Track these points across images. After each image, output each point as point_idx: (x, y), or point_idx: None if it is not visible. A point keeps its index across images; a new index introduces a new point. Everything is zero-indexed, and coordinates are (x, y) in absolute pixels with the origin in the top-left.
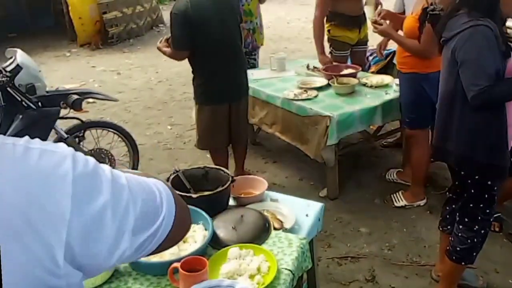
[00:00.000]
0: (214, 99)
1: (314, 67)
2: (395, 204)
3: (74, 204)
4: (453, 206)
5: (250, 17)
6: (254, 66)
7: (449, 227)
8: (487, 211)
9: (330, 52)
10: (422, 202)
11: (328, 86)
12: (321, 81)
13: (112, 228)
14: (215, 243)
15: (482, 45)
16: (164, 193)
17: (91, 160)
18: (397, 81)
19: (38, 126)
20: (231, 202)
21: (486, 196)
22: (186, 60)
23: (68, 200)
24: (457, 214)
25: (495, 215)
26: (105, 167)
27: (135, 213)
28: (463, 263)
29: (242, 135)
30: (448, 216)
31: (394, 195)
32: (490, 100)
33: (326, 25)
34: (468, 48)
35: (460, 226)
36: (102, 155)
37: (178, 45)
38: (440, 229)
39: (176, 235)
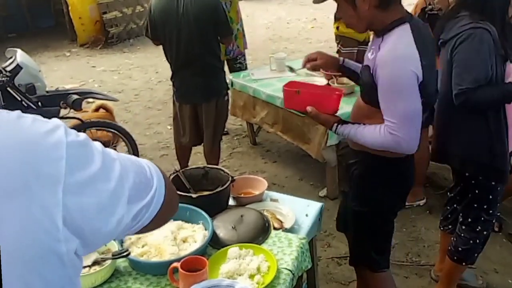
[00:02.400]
0: (178, 98)
1: None
2: None
3: (68, 168)
4: (454, 205)
5: (231, 24)
6: (241, 69)
7: (450, 226)
8: (490, 211)
9: (338, 51)
10: (421, 202)
11: (327, 86)
12: (321, 81)
13: (106, 194)
14: (215, 243)
15: (476, 48)
16: (152, 168)
17: (82, 133)
18: None
19: None
20: (231, 202)
21: (491, 197)
22: None
23: (63, 163)
24: (460, 214)
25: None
26: (96, 142)
27: (128, 183)
28: (464, 263)
29: (211, 136)
30: (449, 216)
31: None
32: (469, 102)
33: (335, 24)
34: (462, 49)
35: (463, 227)
36: None
37: (149, 32)
38: (441, 228)
39: (166, 212)
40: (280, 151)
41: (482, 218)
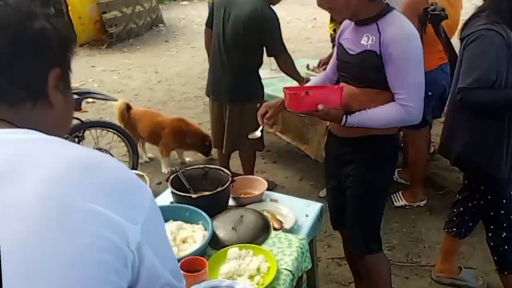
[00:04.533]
0: (209, 91)
1: (314, 67)
2: (395, 204)
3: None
4: (461, 209)
5: None
6: None
7: (454, 229)
8: (511, 216)
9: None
10: (422, 203)
11: None
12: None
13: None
14: (214, 243)
15: (484, 50)
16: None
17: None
18: None
19: None
20: (231, 202)
21: (504, 201)
22: (185, 60)
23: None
24: (483, 223)
25: None
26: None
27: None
28: (506, 272)
29: (233, 141)
30: (455, 218)
31: (394, 195)
32: (465, 102)
33: (330, 25)
34: (470, 48)
35: (489, 234)
36: None
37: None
38: (446, 230)
39: None
40: (280, 151)
41: (504, 224)
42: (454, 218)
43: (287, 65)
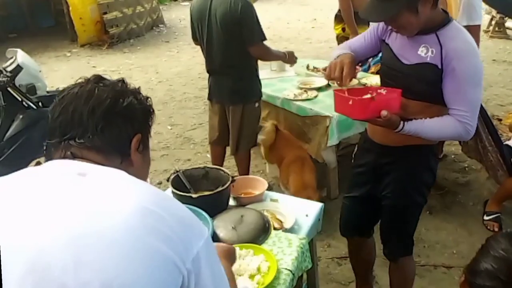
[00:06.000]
0: (208, 95)
1: (314, 67)
2: None
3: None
4: None
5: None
6: None
7: None
8: None
9: None
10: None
11: (328, 86)
12: (321, 81)
13: None
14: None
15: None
16: None
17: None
18: None
19: (38, 126)
20: (231, 202)
21: None
22: (186, 61)
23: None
24: None
25: (494, 215)
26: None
27: None
28: None
29: (237, 142)
30: None
31: None
32: None
33: (339, 26)
34: None
35: None
36: None
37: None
38: None
39: None
40: None
41: None
42: None
43: (262, 54)
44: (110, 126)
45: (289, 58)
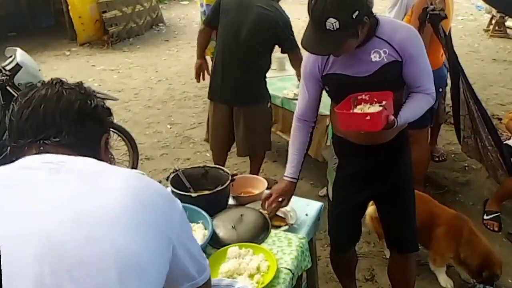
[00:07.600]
0: (214, 96)
1: None
2: None
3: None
4: None
5: None
6: None
7: None
8: None
9: None
10: None
11: None
12: None
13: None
14: (214, 242)
15: None
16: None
17: None
18: None
19: None
20: (231, 201)
21: None
22: (185, 60)
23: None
24: None
25: (494, 215)
26: None
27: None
28: None
29: (244, 144)
30: None
31: None
32: None
33: None
34: None
35: None
36: None
37: (205, 19)
38: None
39: None
40: (280, 150)
41: None
42: None
43: (298, 62)
44: (83, 127)
45: None
